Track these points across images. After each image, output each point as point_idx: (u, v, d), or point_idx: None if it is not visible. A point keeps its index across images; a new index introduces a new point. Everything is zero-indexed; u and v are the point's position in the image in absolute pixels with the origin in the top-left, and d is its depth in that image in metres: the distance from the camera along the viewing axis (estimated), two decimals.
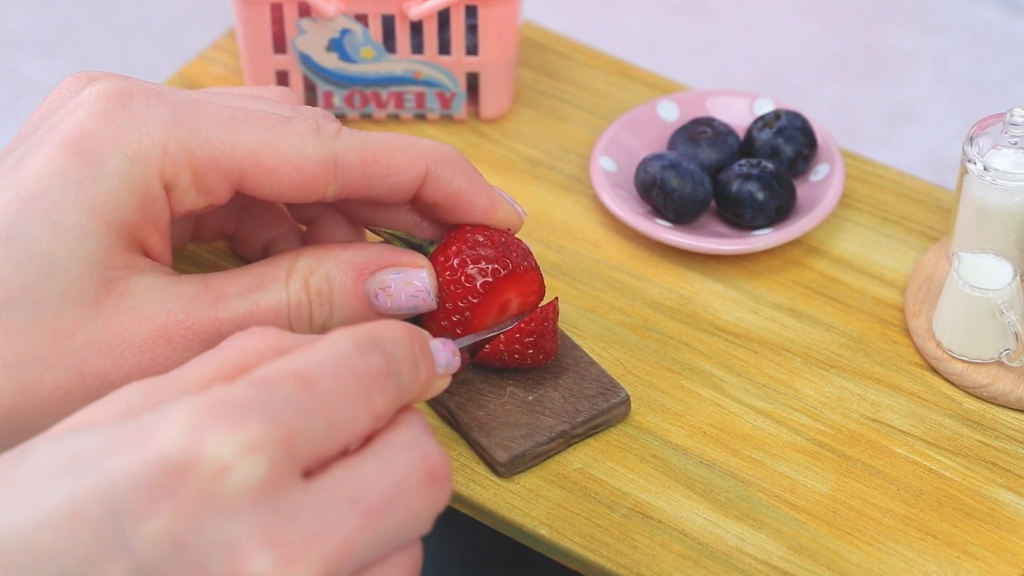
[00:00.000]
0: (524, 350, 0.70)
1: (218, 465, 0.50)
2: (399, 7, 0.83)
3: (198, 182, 0.64)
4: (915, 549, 0.68)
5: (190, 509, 0.50)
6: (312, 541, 0.51)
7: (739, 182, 0.80)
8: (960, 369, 0.74)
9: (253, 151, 0.64)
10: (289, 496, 0.51)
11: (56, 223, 0.62)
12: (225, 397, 0.51)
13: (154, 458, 0.50)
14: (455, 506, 0.71)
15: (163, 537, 0.50)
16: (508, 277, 0.69)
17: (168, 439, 0.50)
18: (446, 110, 0.87)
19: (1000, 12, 1.48)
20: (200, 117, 0.64)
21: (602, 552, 0.68)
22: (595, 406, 0.71)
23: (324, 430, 0.52)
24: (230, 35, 0.91)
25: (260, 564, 0.50)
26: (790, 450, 0.72)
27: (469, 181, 0.68)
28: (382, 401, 0.54)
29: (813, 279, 0.79)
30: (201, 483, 0.50)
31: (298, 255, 0.67)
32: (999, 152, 0.75)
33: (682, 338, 0.76)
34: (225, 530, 0.50)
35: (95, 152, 0.62)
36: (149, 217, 0.64)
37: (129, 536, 0.50)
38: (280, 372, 0.53)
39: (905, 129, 1.38)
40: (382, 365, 0.55)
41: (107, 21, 1.51)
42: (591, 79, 0.89)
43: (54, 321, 0.62)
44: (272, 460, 0.51)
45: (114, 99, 0.63)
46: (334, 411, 0.53)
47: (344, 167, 0.65)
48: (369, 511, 0.52)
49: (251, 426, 0.51)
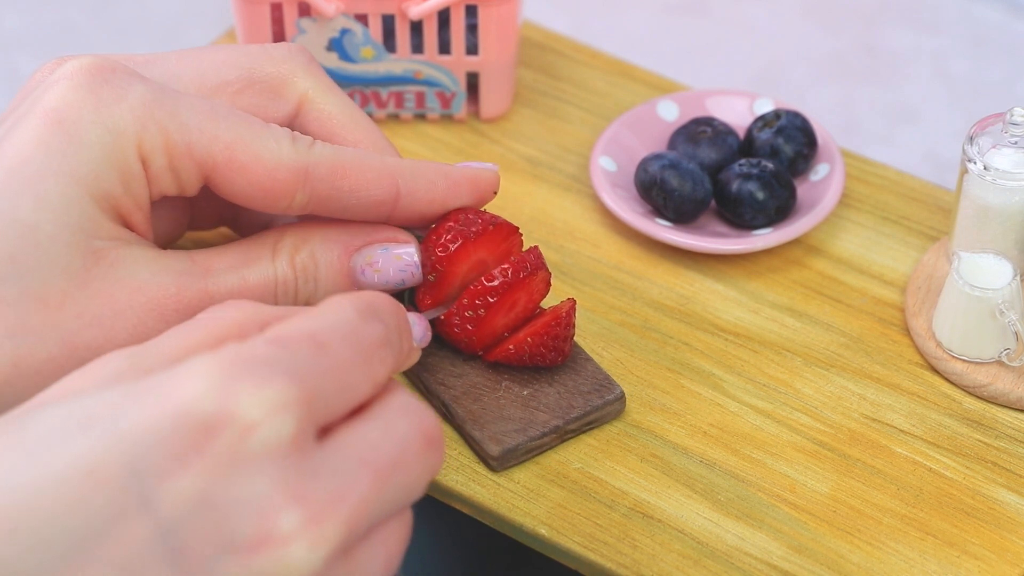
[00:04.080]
0: (547, 352, 0.71)
1: (248, 422, 0.50)
2: (399, 7, 0.83)
3: (171, 165, 0.64)
4: (915, 549, 0.68)
5: (219, 466, 0.50)
6: (336, 499, 0.51)
7: (739, 182, 0.80)
8: (960, 369, 0.74)
9: (228, 145, 0.64)
10: (310, 456, 0.51)
11: (39, 193, 0.61)
12: (245, 354, 0.51)
13: (179, 414, 0.50)
14: (455, 506, 0.71)
15: (189, 495, 0.50)
16: (477, 237, 0.69)
17: (193, 395, 0.50)
18: (446, 110, 0.87)
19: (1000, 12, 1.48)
20: (180, 102, 0.64)
21: (602, 552, 0.68)
22: (589, 402, 0.71)
23: (336, 392, 0.53)
24: (230, 35, 0.91)
25: (289, 521, 0.50)
26: (790, 450, 0.72)
27: (446, 185, 0.69)
28: (383, 368, 0.55)
29: (813, 279, 0.79)
30: (230, 440, 0.50)
31: (283, 232, 0.68)
32: (999, 152, 0.75)
33: (682, 338, 0.76)
34: (253, 488, 0.50)
35: (75, 122, 0.62)
36: (130, 193, 0.64)
37: (152, 494, 0.49)
38: (295, 332, 0.53)
39: (905, 129, 1.38)
40: (382, 333, 0.55)
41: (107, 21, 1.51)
42: (591, 79, 0.89)
43: (43, 292, 0.61)
44: (299, 419, 0.51)
45: (95, 72, 0.63)
46: (344, 374, 0.53)
47: (315, 177, 0.65)
48: (378, 472, 0.52)
49: (279, 384, 0.51)
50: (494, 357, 0.71)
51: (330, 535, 0.50)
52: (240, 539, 0.50)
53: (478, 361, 0.72)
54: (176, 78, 0.67)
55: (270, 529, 0.50)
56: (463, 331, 0.70)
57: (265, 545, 0.50)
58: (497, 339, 0.71)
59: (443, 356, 0.73)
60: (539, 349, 0.71)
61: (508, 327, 0.71)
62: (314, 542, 0.50)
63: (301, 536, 0.50)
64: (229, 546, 0.50)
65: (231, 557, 0.50)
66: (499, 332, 0.71)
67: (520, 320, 0.71)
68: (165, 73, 0.67)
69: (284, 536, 0.50)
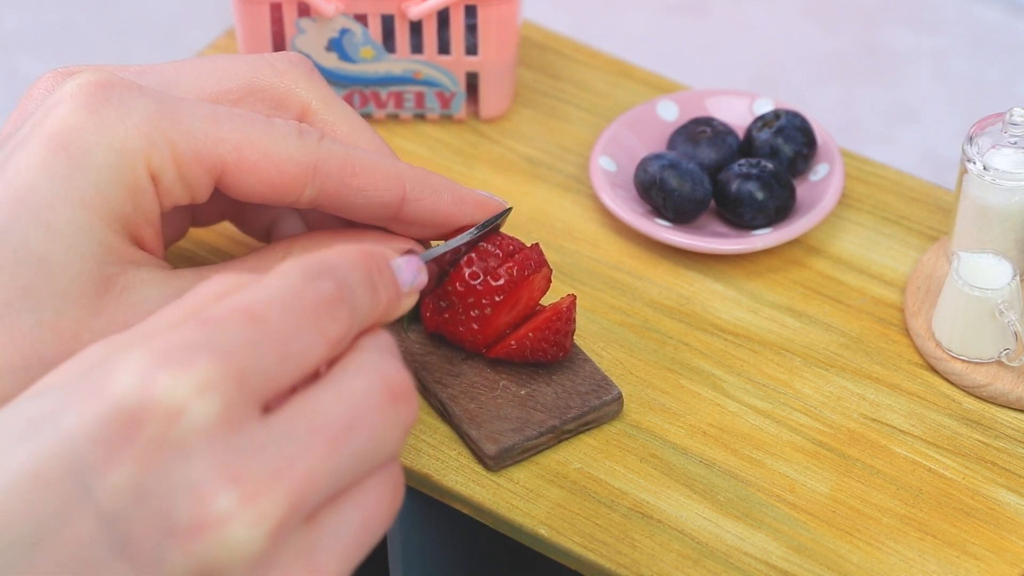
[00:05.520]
0: (549, 347, 0.71)
1: (171, 408, 0.50)
2: (398, 7, 0.83)
3: (181, 175, 0.64)
4: (915, 549, 0.68)
5: (149, 455, 0.50)
6: (275, 475, 0.50)
7: (739, 182, 0.80)
8: (960, 369, 0.74)
9: (236, 146, 0.64)
10: (247, 432, 0.51)
11: (49, 221, 0.61)
12: (171, 341, 0.51)
13: (108, 409, 0.50)
14: (455, 506, 0.71)
15: (127, 486, 0.50)
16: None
17: (118, 389, 0.50)
18: (446, 110, 0.87)
19: (1000, 12, 1.47)
20: (183, 111, 0.64)
21: (602, 552, 0.68)
22: (586, 403, 0.71)
23: (276, 362, 0.52)
24: (229, 35, 0.91)
25: (224, 503, 0.50)
26: (790, 450, 0.72)
27: (452, 199, 0.69)
28: (335, 327, 0.54)
29: (813, 279, 0.79)
30: (156, 428, 0.50)
31: (292, 245, 0.68)
32: (999, 152, 0.75)
33: (681, 338, 0.76)
34: (186, 473, 0.50)
35: (81, 146, 0.62)
36: (140, 210, 0.64)
37: (93, 490, 0.50)
38: (225, 310, 0.52)
39: (905, 129, 1.38)
40: (332, 291, 0.54)
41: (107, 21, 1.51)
42: (591, 79, 0.89)
43: (57, 322, 0.62)
44: (225, 397, 0.50)
45: (96, 92, 0.63)
46: (285, 342, 0.52)
47: (323, 172, 0.65)
48: (330, 438, 0.52)
49: (200, 365, 0.50)
50: (496, 354, 0.71)
51: (269, 511, 0.50)
52: (180, 524, 0.50)
53: (476, 360, 0.72)
54: (175, 86, 0.67)
55: (207, 512, 0.50)
56: (468, 330, 0.70)
57: (204, 528, 0.50)
58: (499, 336, 0.71)
59: (441, 355, 0.73)
60: (540, 344, 0.71)
61: (510, 324, 0.71)
62: (253, 520, 0.50)
63: (238, 515, 0.50)
64: (170, 532, 0.50)
65: (174, 543, 0.50)
66: (502, 329, 0.71)
67: (521, 317, 0.71)
68: (163, 81, 0.67)
69: (221, 517, 0.50)
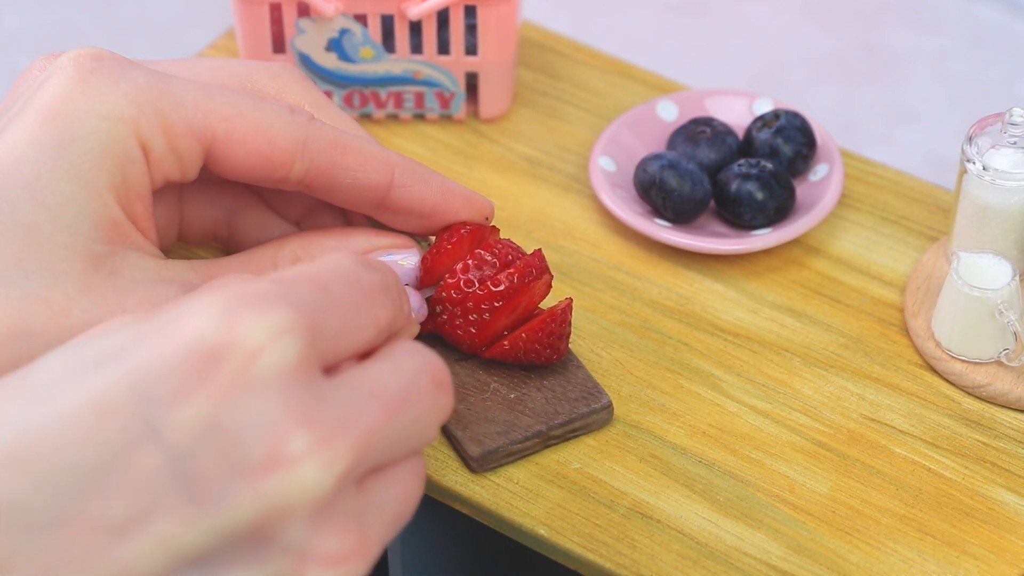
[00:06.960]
0: (542, 349, 0.71)
1: (253, 347, 0.50)
2: (398, 7, 0.83)
3: (171, 145, 0.64)
4: (914, 549, 0.68)
5: (226, 392, 0.50)
6: (344, 424, 0.51)
7: (738, 182, 0.80)
8: (959, 369, 0.74)
9: (227, 117, 0.65)
10: (317, 383, 0.52)
11: (36, 192, 0.61)
12: (248, 290, 0.52)
13: (185, 345, 0.50)
14: (455, 506, 0.71)
15: (198, 422, 0.50)
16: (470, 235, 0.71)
17: (199, 327, 0.51)
18: (445, 110, 0.87)
19: (1000, 12, 1.47)
20: (174, 83, 0.64)
21: (601, 552, 0.68)
22: (575, 409, 0.71)
23: (339, 330, 0.53)
24: (229, 35, 0.91)
25: (298, 442, 0.50)
26: (789, 450, 0.72)
27: (440, 189, 0.69)
28: (384, 313, 0.55)
29: (812, 279, 0.79)
30: (236, 366, 0.50)
31: (283, 243, 0.68)
32: (998, 152, 0.75)
33: (681, 338, 0.76)
34: (262, 410, 0.50)
35: (70, 115, 0.62)
36: (129, 182, 0.64)
37: (161, 423, 0.50)
38: (295, 274, 0.54)
39: (905, 129, 1.38)
40: (380, 280, 0.56)
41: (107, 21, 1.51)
42: (590, 79, 0.89)
43: (47, 294, 0.61)
44: (304, 343, 0.51)
45: (87, 63, 0.63)
46: (347, 313, 0.54)
47: (314, 148, 0.66)
48: (388, 406, 0.53)
49: (281, 311, 0.51)
50: (490, 355, 0.71)
51: (340, 455, 0.51)
52: (250, 462, 0.50)
53: (468, 362, 0.72)
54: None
55: (280, 450, 0.50)
56: (466, 334, 0.70)
57: (276, 466, 0.50)
58: (495, 338, 0.71)
59: None
60: (534, 346, 0.71)
61: (508, 327, 0.71)
62: (324, 462, 0.50)
63: (311, 456, 0.50)
64: (239, 470, 0.50)
65: (242, 480, 0.50)
66: (499, 332, 0.71)
67: (520, 321, 0.71)
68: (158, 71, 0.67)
69: (294, 456, 0.50)
